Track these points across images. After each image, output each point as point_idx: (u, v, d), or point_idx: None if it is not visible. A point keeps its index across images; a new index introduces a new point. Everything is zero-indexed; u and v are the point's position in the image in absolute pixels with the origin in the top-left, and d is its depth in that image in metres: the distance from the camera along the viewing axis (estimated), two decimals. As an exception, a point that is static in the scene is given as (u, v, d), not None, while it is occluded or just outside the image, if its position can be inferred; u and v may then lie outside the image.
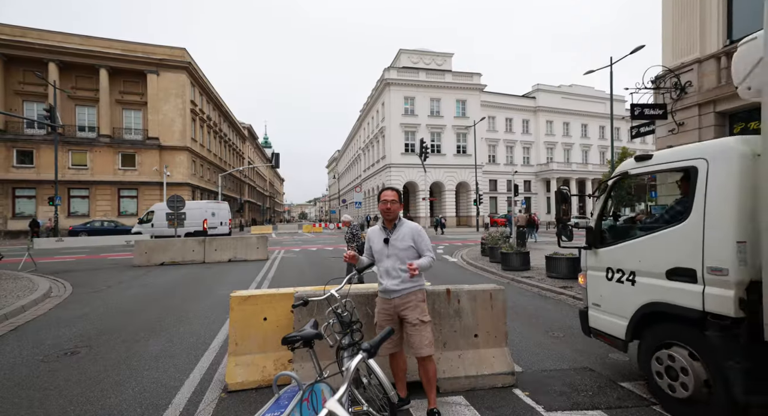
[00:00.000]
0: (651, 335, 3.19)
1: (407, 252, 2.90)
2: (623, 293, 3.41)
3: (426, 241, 2.94)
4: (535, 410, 3.09)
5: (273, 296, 3.71)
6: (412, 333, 2.88)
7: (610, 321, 3.56)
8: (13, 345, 4.79)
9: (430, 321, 2.97)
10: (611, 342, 3.58)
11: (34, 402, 3.28)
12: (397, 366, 3.13)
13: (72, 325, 5.67)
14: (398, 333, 3.01)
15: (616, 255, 3.52)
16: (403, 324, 2.95)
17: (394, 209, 2.95)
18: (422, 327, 2.88)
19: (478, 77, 41.54)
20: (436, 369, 3.00)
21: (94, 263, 13.55)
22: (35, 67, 26.95)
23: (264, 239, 14.73)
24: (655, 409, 3.07)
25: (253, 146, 69.13)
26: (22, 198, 28.00)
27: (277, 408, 1.67)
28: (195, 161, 34.73)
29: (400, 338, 3.04)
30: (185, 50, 32.09)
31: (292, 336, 2.18)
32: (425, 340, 2.86)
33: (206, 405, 3.19)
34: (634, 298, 3.27)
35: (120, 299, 7.40)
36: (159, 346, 4.69)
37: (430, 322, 2.97)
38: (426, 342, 2.86)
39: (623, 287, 3.41)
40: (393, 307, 2.94)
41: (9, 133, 27.41)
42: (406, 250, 2.90)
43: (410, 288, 2.91)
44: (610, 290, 3.56)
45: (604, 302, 3.66)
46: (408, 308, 2.89)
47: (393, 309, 2.94)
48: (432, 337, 2.92)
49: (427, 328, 2.90)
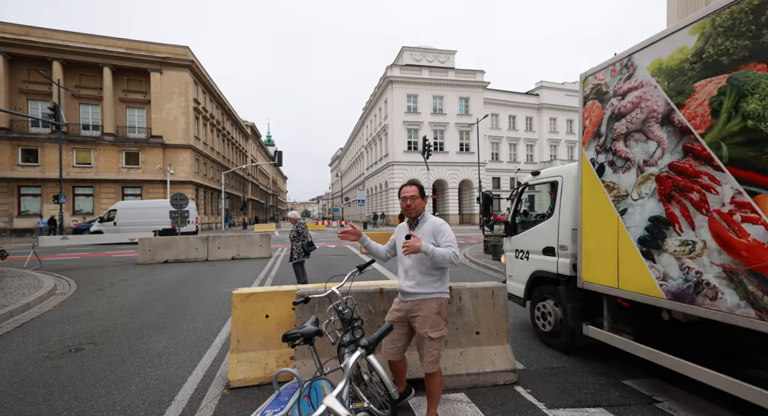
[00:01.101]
0: (536, 294, 4.81)
1: None
2: (523, 267, 5.02)
3: (447, 236, 2.63)
4: (536, 407, 3.09)
5: (275, 293, 3.72)
6: (419, 344, 2.71)
7: (516, 287, 5.19)
8: (19, 342, 4.84)
9: (440, 338, 2.67)
10: (518, 301, 5.19)
11: (38, 398, 3.31)
12: (396, 369, 2.96)
13: (76, 322, 5.72)
14: (404, 339, 2.81)
15: (520, 241, 5.14)
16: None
17: (415, 205, 2.73)
18: (428, 343, 2.63)
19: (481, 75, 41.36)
20: (441, 380, 2.79)
21: (99, 261, 13.65)
22: (39, 66, 27.12)
23: (267, 237, 14.78)
24: (657, 406, 3.06)
25: (256, 144, 69.27)
26: (28, 196, 28.22)
27: (277, 405, 1.68)
28: (198, 159, 34.85)
29: (406, 345, 2.83)
30: (188, 48, 32.15)
31: (292, 333, 2.19)
32: (429, 357, 2.64)
33: (209, 402, 3.21)
34: (528, 269, 4.89)
35: (124, 297, 7.45)
36: (162, 343, 4.72)
37: (441, 339, 2.67)
38: (430, 359, 2.64)
39: (523, 263, 5.04)
40: (405, 310, 2.74)
41: (14, 131, 27.60)
42: None
43: (425, 295, 2.65)
44: (517, 265, 5.20)
45: (514, 274, 5.32)
46: (419, 317, 2.66)
47: (405, 312, 2.74)
48: (438, 355, 2.68)
49: (434, 344, 2.63)
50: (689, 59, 2.86)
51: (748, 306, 2.49)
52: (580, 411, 3.03)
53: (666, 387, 3.40)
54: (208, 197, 38.71)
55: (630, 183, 3.34)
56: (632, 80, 3.33)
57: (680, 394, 3.27)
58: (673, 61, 2.97)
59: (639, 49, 3.27)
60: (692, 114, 2.82)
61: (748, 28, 2.49)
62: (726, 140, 2.61)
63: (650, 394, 3.28)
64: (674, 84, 2.96)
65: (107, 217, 23.32)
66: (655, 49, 3.13)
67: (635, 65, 3.31)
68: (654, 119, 3.13)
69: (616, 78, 3.50)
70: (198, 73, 34.12)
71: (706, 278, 2.74)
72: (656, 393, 3.29)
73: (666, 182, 3.02)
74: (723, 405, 3.06)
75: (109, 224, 22.93)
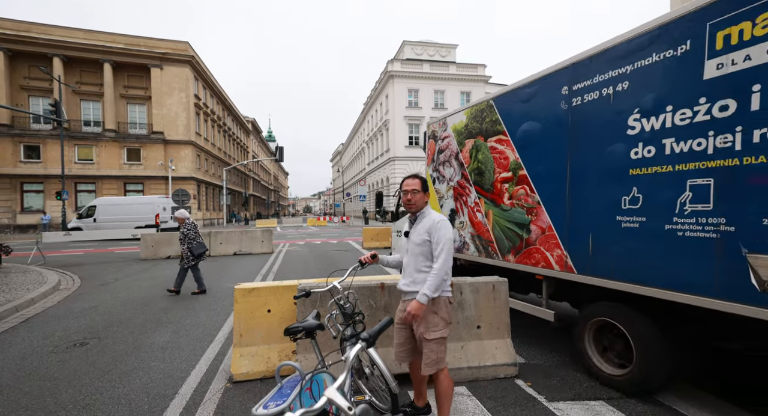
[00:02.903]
0: None
1: (422, 248, 2.54)
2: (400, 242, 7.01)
3: (443, 236, 2.46)
4: (537, 400, 3.11)
5: (277, 288, 3.75)
6: (419, 346, 2.58)
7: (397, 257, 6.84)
8: (24, 337, 4.89)
9: (439, 339, 2.49)
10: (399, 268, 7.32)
11: (44, 391, 3.35)
12: (413, 373, 2.80)
13: (81, 317, 5.77)
14: (412, 341, 2.66)
15: (399, 225, 7.03)
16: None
17: (416, 199, 2.60)
18: (425, 344, 2.48)
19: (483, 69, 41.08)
20: (450, 383, 2.57)
21: (102, 257, 13.72)
22: (40, 62, 27.09)
23: (269, 232, 14.81)
24: (658, 399, 3.08)
25: (258, 140, 69.20)
26: (30, 193, 28.31)
27: (279, 397, 1.70)
28: (199, 155, 34.86)
29: (414, 347, 2.66)
30: (188, 44, 32.01)
31: (293, 327, 2.21)
32: (426, 358, 2.48)
33: (212, 395, 3.24)
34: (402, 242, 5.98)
35: (127, 292, 7.50)
36: (166, 337, 4.76)
37: (439, 340, 2.49)
38: (427, 361, 2.47)
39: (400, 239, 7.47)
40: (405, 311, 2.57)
41: (16, 128, 27.64)
42: (421, 245, 2.54)
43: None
44: (398, 241, 7.11)
45: (396, 246, 7.43)
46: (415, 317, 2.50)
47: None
48: (437, 356, 2.48)
49: (431, 346, 2.47)
50: (463, 127, 5.27)
51: (476, 251, 5.05)
52: (580, 404, 3.05)
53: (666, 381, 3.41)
54: (210, 193, 38.76)
55: (444, 189, 5.79)
56: (446, 132, 5.72)
57: (681, 387, 3.28)
58: (458, 126, 5.38)
59: (449, 116, 5.66)
60: (465, 156, 5.22)
61: (477, 119, 4.97)
62: (473, 171, 5.03)
63: (650, 387, 3.29)
64: (459, 138, 5.36)
65: (86, 213, 22.77)
66: (454, 118, 5.53)
67: (447, 124, 5.70)
68: (452, 156, 5.52)
69: (441, 129, 5.87)
70: (198, 68, 34.01)
71: (467, 240, 5.22)
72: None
73: (456, 190, 5.45)
74: (723, 398, 3.07)
75: (89, 220, 22.42)
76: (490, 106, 4.74)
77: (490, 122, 4.71)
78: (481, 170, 4.84)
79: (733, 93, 2.43)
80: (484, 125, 4.83)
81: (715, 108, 2.52)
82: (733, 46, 2.43)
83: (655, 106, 2.86)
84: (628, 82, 3.06)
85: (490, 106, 4.73)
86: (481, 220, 4.87)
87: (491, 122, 4.69)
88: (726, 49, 2.46)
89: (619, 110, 3.12)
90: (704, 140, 2.57)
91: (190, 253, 7.09)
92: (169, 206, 23.21)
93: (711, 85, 2.54)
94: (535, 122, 4.06)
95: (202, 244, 7.26)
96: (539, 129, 4.01)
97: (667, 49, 2.79)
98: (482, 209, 4.83)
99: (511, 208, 4.37)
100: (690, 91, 2.66)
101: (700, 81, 2.59)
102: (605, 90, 3.25)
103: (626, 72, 3.08)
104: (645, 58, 2.94)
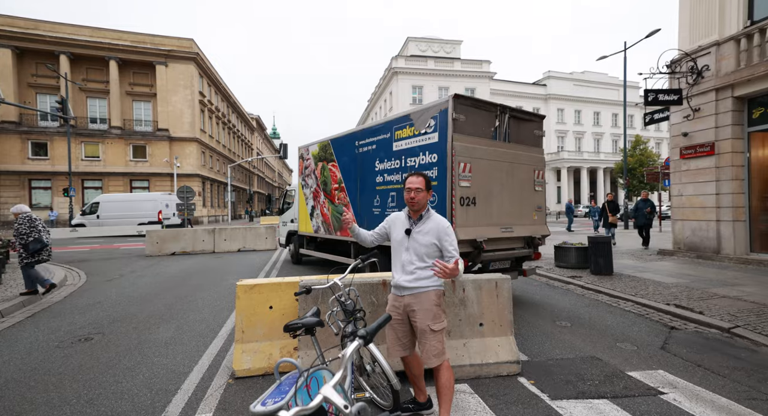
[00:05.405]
0: (289, 240, 10.89)
1: (428, 249, 2.56)
2: (284, 229, 11.17)
3: (452, 239, 2.57)
4: (539, 398, 3.08)
5: (278, 284, 3.74)
6: (421, 340, 2.60)
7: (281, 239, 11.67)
8: (30, 332, 4.94)
9: (442, 330, 2.59)
10: (283, 246, 11.80)
11: (49, 386, 3.38)
12: (410, 371, 2.81)
13: (86, 312, 5.82)
14: (409, 335, 2.68)
15: (285, 217, 11.28)
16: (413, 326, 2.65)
17: (419, 198, 2.59)
18: (431, 336, 2.53)
19: (488, 65, 40.81)
20: (451, 374, 2.60)
21: (108, 253, 13.85)
22: (47, 60, 27.31)
23: (273, 229, 14.85)
24: (662, 398, 3.04)
25: (262, 137, 69.32)
26: (38, 189, 28.65)
27: (278, 394, 1.68)
28: (204, 152, 35.01)
29: (412, 341, 2.70)
30: (193, 41, 32.09)
31: (293, 323, 2.19)
32: (433, 350, 2.53)
33: (214, 391, 3.25)
34: (285, 230, 11.13)
35: (132, 288, 7.56)
36: (169, 333, 4.79)
37: (442, 331, 2.59)
38: (434, 352, 2.53)
39: (285, 227, 11.19)
40: (403, 306, 2.62)
41: (24, 125, 27.93)
42: (428, 247, 2.56)
43: (424, 288, 2.57)
44: (283, 228, 11.35)
45: (280, 232, 11.84)
46: (418, 311, 2.56)
47: (403, 308, 2.63)
48: (442, 347, 2.56)
49: (436, 337, 2.54)
50: (316, 154, 8.67)
51: (325, 232, 8.26)
52: (583, 402, 3.02)
53: (672, 379, 3.37)
54: (215, 190, 38.96)
55: (309, 193, 8.93)
56: (308, 155, 9.09)
57: (686, 386, 3.24)
58: (314, 152, 8.78)
59: (310, 145, 8.97)
60: (318, 172, 8.60)
61: (323, 150, 8.44)
62: (321, 182, 8.41)
63: (655, 386, 3.25)
64: (315, 161, 8.68)
65: (90, 210, 22.98)
66: (312, 147, 8.85)
67: (309, 150, 9.05)
68: (312, 172, 8.84)
69: (306, 152, 9.24)
70: (203, 65, 34.09)
71: (320, 224, 8.43)
72: (661, 385, 3.26)
73: (314, 193, 8.68)
74: (728, 397, 3.03)
75: (92, 217, 22.62)
76: (329, 144, 8.16)
77: (329, 153, 8.10)
78: (326, 181, 8.22)
79: (401, 157, 6.00)
80: (326, 154, 8.23)
81: (398, 162, 6.07)
82: (400, 138, 6.02)
83: (382, 158, 6.44)
84: (375, 145, 6.63)
85: (329, 144, 8.15)
86: (326, 212, 8.18)
87: (329, 154, 8.09)
88: (398, 138, 6.06)
89: (373, 157, 6.67)
90: (396, 175, 6.09)
91: (24, 250, 6.36)
92: (172, 203, 23.24)
93: (396, 152, 6.09)
94: (346, 158, 7.50)
95: (40, 239, 6.40)
96: (348, 162, 7.46)
97: (384, 134, 6.40)
98: (326, 206, 8.17)
99: (338, 204, 7.73)
100: (390, 154, 6.23)
101: (392, 150, 6.17)
102: (369, 147, 6.81)
103: (374, 140, 6.65)
104: (378, 136, 6.56)
